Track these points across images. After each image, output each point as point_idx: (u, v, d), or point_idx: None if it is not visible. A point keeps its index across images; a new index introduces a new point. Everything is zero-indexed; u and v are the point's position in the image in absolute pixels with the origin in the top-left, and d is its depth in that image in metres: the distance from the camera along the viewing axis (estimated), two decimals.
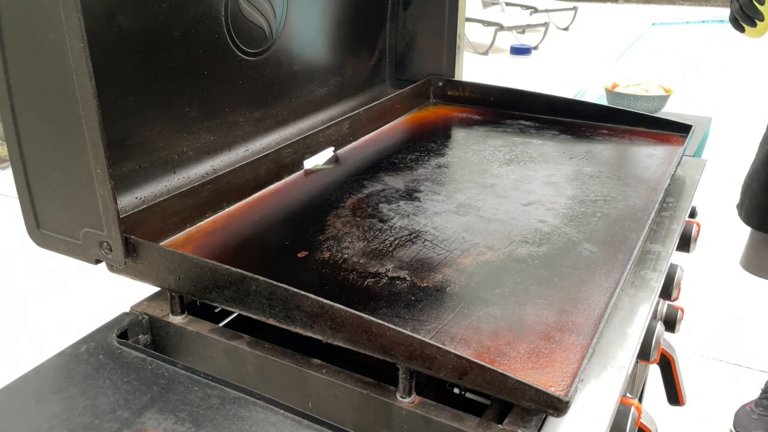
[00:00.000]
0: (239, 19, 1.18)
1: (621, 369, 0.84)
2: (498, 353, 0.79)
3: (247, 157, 1.23)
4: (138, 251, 0.90)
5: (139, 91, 1.03)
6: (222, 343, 0.90)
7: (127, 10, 0.97)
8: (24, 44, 0.80)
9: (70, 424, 0.76)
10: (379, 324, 0.75)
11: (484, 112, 1.63)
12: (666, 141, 1.43)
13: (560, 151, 1.39)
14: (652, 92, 2.23)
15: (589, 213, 1.13)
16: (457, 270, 0.96)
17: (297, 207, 1.18)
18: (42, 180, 0.89)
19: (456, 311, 0.86)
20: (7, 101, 0.85)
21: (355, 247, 1.02)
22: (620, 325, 0.91)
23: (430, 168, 1.32)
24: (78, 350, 0.88)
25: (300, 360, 0.85)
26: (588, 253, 1.00)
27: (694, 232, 1.28)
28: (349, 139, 1.44)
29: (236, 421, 0.76)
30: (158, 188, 1.08)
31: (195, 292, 0.89)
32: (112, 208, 0.85)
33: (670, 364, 1.17)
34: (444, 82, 1.68)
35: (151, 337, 0.97)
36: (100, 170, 0.83)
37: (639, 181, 1.25)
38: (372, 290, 0.91)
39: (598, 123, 1.53)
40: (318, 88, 1.45)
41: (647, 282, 1.02)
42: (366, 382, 0.81)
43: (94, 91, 0.78)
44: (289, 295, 0.80)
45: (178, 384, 0.82)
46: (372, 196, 1.20)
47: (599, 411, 0.78)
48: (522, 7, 8.75)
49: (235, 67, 1.20)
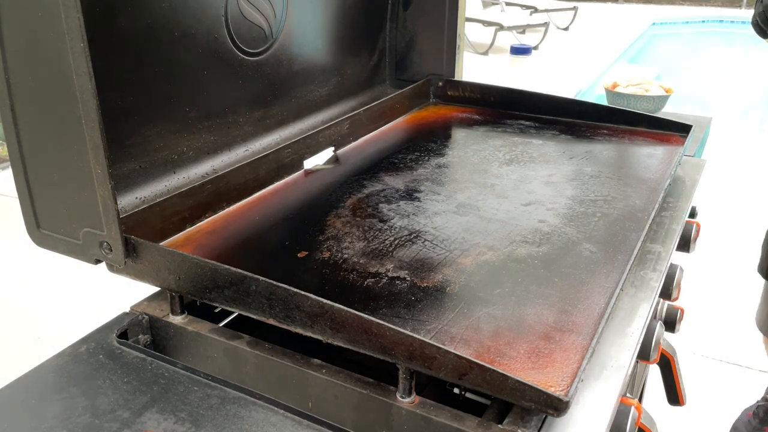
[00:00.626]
0: (239, 19, 1.18)
1: (621, 369, 0.84)
2: (498, 353, 0.79)
3: (247, 157, 1.23)
4: (138, 251, 0.90)
5: (139, 91, 1.03)
6: (222, 343, 0.90)
7: (127, 10, 0.97)
8: (24, 44, 0.80)
9: (70, 424, 0.76)
10: (379, 324, 0.75)
11: (484, 112, 1.63)
12: (666, 141, 1.43)
13: (560, 151, 1.39)
14: (652, 92, 2.23)
15: (589, 213, 1.13)
16: (457, 270, 0.96)
17: (297, 207, 1.18)
18: (42, 180, 0.89)
19: (456, 311, 0.86)
20: (7, 101, 0.85)
21: (355, 247, 1.02)
22: (620, 325, 0.91)
23: (430, 168, 1.32)
24: (78, 350, 0.88)
25: (300, 360, 0.85)
26: (588, 253, 1.00)
27: (694, 232, 1.28)
28: (349, 139, 1.44)
29: (236, 421, 0.76)
30: (158, 188, 1.08)
31: (195, 292, 0.89)
32: (112, 208, 0.85)
33: (670, 364, 1.17)
34: (444, 82, 1.68)
35: (151, 337, 0.97)
36: (100, 170, 0.83)
37: (639, 181, 1.25)
38: (372, 290, 0.91)
39: (598, 123, 1.53)
40: (318, 88, 1.45)
41: (647, 282, 1.02)
42: (366, 382, 0.81)
43: (94, 91, 0.78)
44: (289, 295, 0.80)
45: (178, 384, 0.82)
46: (372, 196, 1.20)
47: (599, 411, 0.78)
48: (522, 7, 8.75)
49: (235, 67, 1.20)
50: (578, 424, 0.76)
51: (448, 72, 1.67)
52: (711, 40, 9.58)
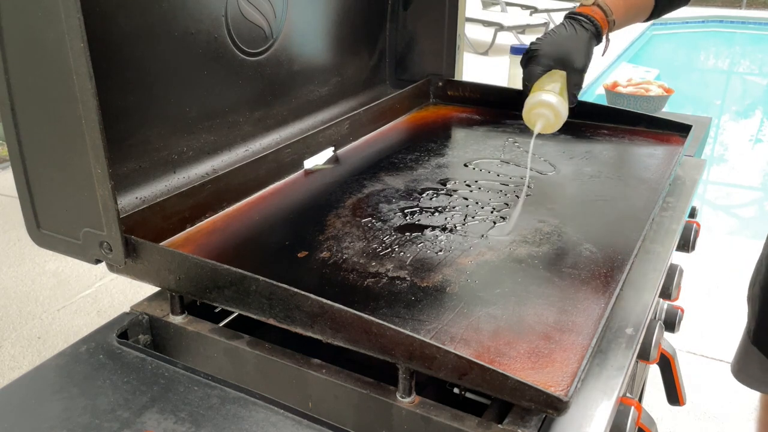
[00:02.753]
0: (239, 19, 1.18)
1: (621, 369, 0.84)
2: (498, 353, 0.79)
3: (247, 157, 1.23)
4: (138, 251, 0.90)
5: (139, 91, 1.03)
6: (222, 343, 0.90)
7: (127, 10, 0.97)
8: (24, 44, 0.80)
9: (70, 424, 0.76)
10: (379, 324, 0.75)
11: (484, 112, 1.63)
12: (666, 141, 1.43)
13: (560, 151, 1.39)
14: (652, 92, 2.23)
15: (588, 213, 1.13)
16: (457, 270, 0.96)
17: (297, 207, 1.18)
18: (42, 180, 0.89)
19: (456, 311, 0.86)
20: (7, 101, 0.85)
21: (355, 247, 1.02)
22: (620, 325, 0.91)
23: (430, 168, 1.32)
24: (78, 350, 0.88)
25: (300, 360, 0.85)
26: (588, 253, 1.00)
27: (694, 232, 1.28)
28: (349, 139, 1.44)
29: (236, 421, 0.76)
30: (158, 188, 1.08)
31: (195, 292, 0.89)
32: (112, 208, 0.85)
33: (670, 364, 1.17)
34: (444, 82, 1.68)
35: (151, 337, 0.97)
36: (100, 170, 0.83)
37: (639, 181, 1.25)
38: (372, 290, 0.91)
39: (598, 123, 1.53)
40: (318, 88, 1.45)
41: (647, 282, 1.02)
42: (366, 382, 0.81)
43: (94, 91, 0.78)
44: (289, 295, 0.80)
45: (178, 384, 0.82)
46: (372, 196, 1.20)
47: (599, 411, 0.78)
48: (522, 7, 8.75)
49: (235, 67, 1.20)
50: (578, 424, 0.76)
51: (448, 72, 1.67)
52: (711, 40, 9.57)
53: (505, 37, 7.75)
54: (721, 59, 8.83)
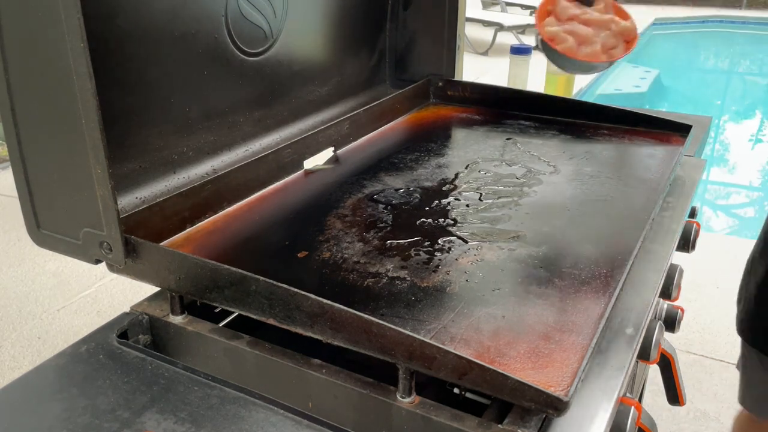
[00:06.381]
0: (239, 19, 1.18)
1: (621, 369, 0.84)
2: (498, 353, 0.79)
3: (247, 157, 1.23)
4: (138, 251, 0.90)
5: (139, 91, 1.03)
6: (222, 343, 0.90)
7: (127, 10, 0.97)
8: (24, 44, 0.80)
9: (70, 424, 0.76)
10: (379, 324, 0.75)
11: (484, 112, 1.63)
12: (666, 141, 1.43)
13: (560, 151, 1.39)
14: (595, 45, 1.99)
15: (589, 213, 1.13)
16: (457, 270, 0.96)
17: (297, 207, 1.18)
18: (42, 180, 0.89)
19: (456, 311, 0.86)
20: (7, 101, 0.85)
21: (355, 247, 1.02)
22: (620, 325, 0.91)
23: (430, 168, 1.32)
24: (78, 350, 0.88)
25: (300, 360, 0.85)
26: (588, 253, 1.00)
27: (694, 232, 1.28)
28: (349, 139, 1.44)
29: (236, 421, 0.76)
30: (158, 188, 1.08)
31: (195, 292, 0.89)
32: (112, 208, 0.85)
33: (670, 364, 1.17)
34: (444, 82, 1.68)
35: (151, 337, 0.97)
36: (100, 170, 0.83)
37: (639, 181, 1.25)
38: (372, 290, 0.91)
39: (598, 123, 1.53)
40: (318, 88, 1.45)
41: (647, 282, 1.02)
42: (366, 382, 0.81)
43: (94, 91, 0.78)
44: (289, 295, 0.80)
45: (178, 384, 0.82)
46: (372, 196, 1.20)
47: (599, 411, 0.78)
48: (522, 7, 8.75)
49: (235, 67, 1.20)
50: (578, 424, 0.75)
51: (448, 72, 1.67)
52: (711, 40, 9.57)
53: (505, 37, 7.75)
54: (721, 59, 8.83)
